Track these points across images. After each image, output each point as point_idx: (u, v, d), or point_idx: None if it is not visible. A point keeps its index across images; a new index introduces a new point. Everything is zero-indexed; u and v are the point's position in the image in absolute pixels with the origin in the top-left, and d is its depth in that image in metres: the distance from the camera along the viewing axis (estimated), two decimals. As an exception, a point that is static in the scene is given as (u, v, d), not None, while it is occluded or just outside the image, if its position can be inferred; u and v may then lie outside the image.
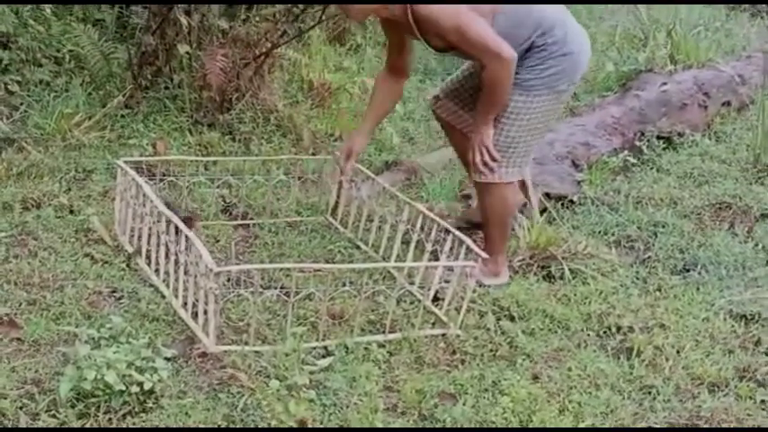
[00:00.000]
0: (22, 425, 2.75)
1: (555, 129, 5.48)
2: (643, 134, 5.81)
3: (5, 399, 2.84)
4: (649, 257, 4.47)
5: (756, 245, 4.63)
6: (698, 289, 4.14)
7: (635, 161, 5.55)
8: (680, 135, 5.94)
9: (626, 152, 5.54)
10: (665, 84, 6.23)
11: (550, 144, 5.32)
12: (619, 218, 4.83)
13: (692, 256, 4.49)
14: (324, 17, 5.66)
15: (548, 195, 4.84)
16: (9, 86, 5.28)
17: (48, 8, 5.75)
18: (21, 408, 2.83)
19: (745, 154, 5.75)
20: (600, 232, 4.69)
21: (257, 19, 5.54)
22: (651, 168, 5.55)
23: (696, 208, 5.03)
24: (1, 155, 4.66)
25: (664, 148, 5.82)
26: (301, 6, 5.45)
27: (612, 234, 4.68)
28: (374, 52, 6.69)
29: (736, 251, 4.54)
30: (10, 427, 2.74)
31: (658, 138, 5.84)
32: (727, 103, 6.46)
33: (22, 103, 5.21)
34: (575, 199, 4.97)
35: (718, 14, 9.01)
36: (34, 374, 3.00)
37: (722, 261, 4.44)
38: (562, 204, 4.90)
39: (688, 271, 4.36)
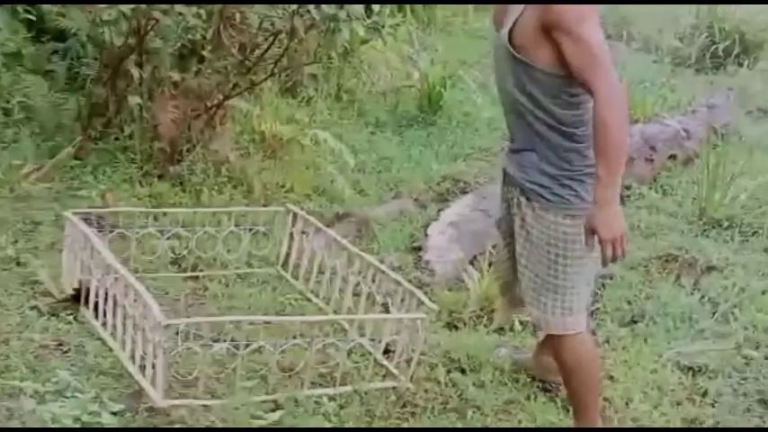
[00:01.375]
0: (-36, 482, 2.70)
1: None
2: (591, 187, 5.88)
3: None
4: (598, 309, 4.52)
5: (702, 297, 4.71)
6: (646, 341, 4.20)
7: (583, 214, 5.61)
8: (627, 188, 6.02)
9: (574, 205, 5.60)
10: (612, 137, 6.33)
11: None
12: (567, 270, 4.87)
13: (639, 307, 4.56)
14: (276, 70, 5.69)
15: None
16: (-44, 140, 5.24)
17: (-1, 60, 5.74)
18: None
19: (691, 207, 5.86)
20: (549, 284, 4.72)
21: (209, 71, 5.56)
22: (599, 221, 5.61)
23: (643, 260, 5.11)
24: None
25: (612, 201, 5.88)
26: (253, 59, 5.48)
27: (561, 286, 4.71)
28: (326, 104, 6.73)
29: (682, 303, 4.63)
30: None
31: (606, 190, 5.90)
32: (673, 157, 6.58)
33: (-33, 159, 5.16)
34: (524, 251, 5.00)
35: (663, 70, 9.23)
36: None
37: (669, 313, 4.51)
38: (512, 256, 4.93)
39: (636, 323, 4.43)
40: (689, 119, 7.09)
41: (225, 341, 3.49)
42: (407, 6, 8.82)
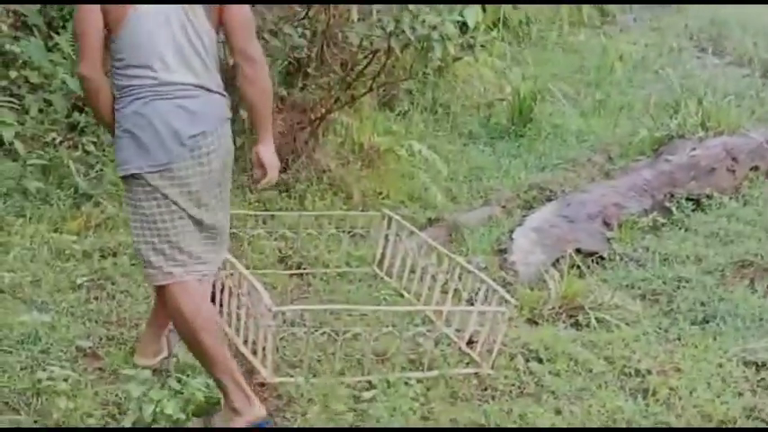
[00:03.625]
0: (106, 440, 3.18)
1: (587, 190, 5.90)
2: (673, 196, 6.17)
3: (91, 417, 3.27)
4: (672, 309, 4.83)
5: (774, 300, 4.96)
6: (715, 338, 4.48)
7: (664, 221, 5.92)
8: (708, 197, 6.28)
9: (655, 213, 5.92)
10: (694, 149, 6.60)
11: (583, 204, 5.72)
12: (645, 273, 5.20)
13: (712, 308, 4.84)
14: (374, 85, 6.13)
15: (579, 251, 5.22)
16: (86, 147, 5.75)
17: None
18: (104, 426, 3.26)
19: (771, 216, 6.08)
20: (627, 286, 5.06)
21: (313, 87, 6.03)
22: (679, 228, 5.91)
23: (719, 265, 5.36)
24: (80, 209, 5.11)
25: (693, 210, 6.16)
26: (353, 75, 5.93)
27: (639, 288, 5.05)
28: (421, 117, 7.14)
29: (754, 305, 4.88)
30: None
31: (687, 200, 6.19)
32: (756, 168, 6.78)
33: (97, 162, 5.68)
34: (604, 255, 5.35)
35: (753, 83, 9.37)
36: (114, 398, 3.43)
37: (740, 314, 4.78)
38: (593, 260, 5.28)
39: (707, 322, 4.71)
40: (773, 131, 7.28)
41: (326, 329, 3.94)
42: (501, 22, 9.18)
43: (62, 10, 6.25)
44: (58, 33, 6.08)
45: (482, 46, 8.05)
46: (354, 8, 5.81)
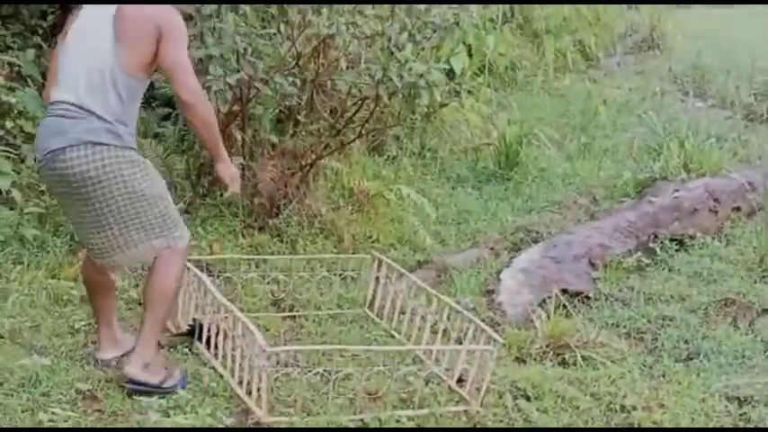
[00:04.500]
0: (106, 479, 3.27)
1: (573, 231, 6.04)
2: (656, 237, 6.31)
3: (92, 457, 3.36)
4: (656, 347, 4.95)
5: (756, 337, 5.08)
6: (698, 375, 4.61)
7: (648, 261, 6.06)
8: (691, 238, 6.42)
9: (640, 253, 6.06)
10: (677, 191, 6.75)
11: (568, 245, 5.86)
12: (630, 312, 5.33)
13: (695, 346, 4.96)
14: (363, 131, 6.28)
15: (565, 291, 5.35)
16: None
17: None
18: (105, 466, 3.35)
19: (753, 255, 6.20)
20: (612, 325, 5.19)
21: (303, 133, 6.18)
22: (663, 268, 6.04)
23: (703, 304, 5.49)
24: (77, 255, 5.20)
25: (676, 250, 6.29)
26: (342, 122, 6.08)
27: (624, 326, 5.18)
28: (409, 162, 7.28)
29: (737, 342, 5.01)
30: None
31: (671, 240, 6.33)
32: (737, 209, 6.93)
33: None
34: (590, 295, 5.48)
35: (736, 125, 9.56)
36: (114, 438, 3.53)
37: (723, 351, 4.91)
38: (579, 300, 5.40)
39: (691, 359, 4.83)
40: (754, 172, 7.41)
41: (318, 370, 4.04)
42: (487, 68, 9.37)
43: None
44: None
45: (468, 92, 8.27)
46: (343, 57, 5.97)
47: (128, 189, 3.82)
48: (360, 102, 6.02)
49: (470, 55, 9.05)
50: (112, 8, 3.83)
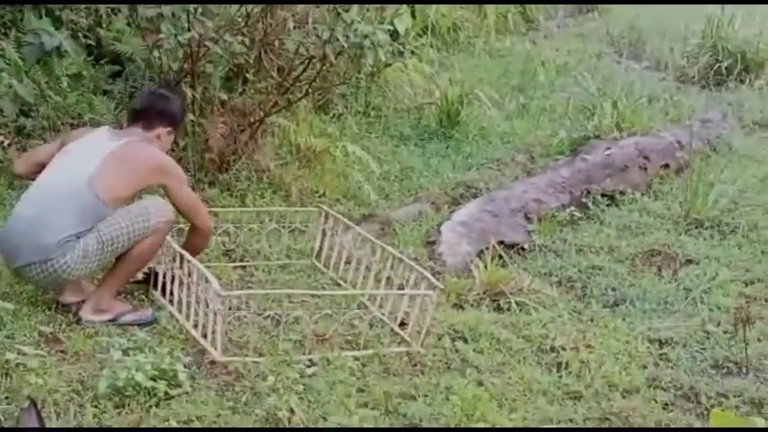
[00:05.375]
0: (71, 413, 3.50)
1: (510, 187, 6.35)
2: (589, 192, 6.63)
3: (57, 392, 3.59)
4: (585, 294, 5.28)
5: (678, 285, 5.43)
6: (624, 319, 4.94)
7: (581, 215, 6.38)
8: (622, 193, 6.76)
9: (573, 207, 6.38)
10: (609, 148, 7.08)
11: (506, 200, 6.16)
12: (562, 262, 5.65)
13: (622, 293, 5.29)
14: (310, 90, 6.49)
15: (502, 243, 5.65)
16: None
17: (64, 81, 6.52)
18: (69, 400, 3.59)
19: (679, 210, 6.54)
20: (545, 274, 5.50)
21: (252, 91, 6.38)
22: (594, 222, 6.37)
23: (630, 255, 5.83)
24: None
25: (607, 205, 6.62)
26: (290, 81, 6.28)
27: (556, 275, 5.49)
28: (355, 120, 7.51)
29: (661, 289, 5.35)
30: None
31: (602, 195, 6.66)
32: (666, 166, 7.28)
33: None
34: (525, 246, 5.79)
35: (668, 86, 9.93)
36: (78, 376, 3.76)
37: (648, 298, 5.25)
38: (514, 251, 5.71)
39: (618, 305, 5.17)
40: (683, 131, 7.76)
41: (269, 313, 4.30)
42: (430, 29, 9.61)
43: (3, 17, 6.49)
44: (2, 38, 6.31)
45: (412, 52, 8.52)
46: (290, 17, 6.17)
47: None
48: (307, 61, 6.21)
49: (414, 16, 9.28)
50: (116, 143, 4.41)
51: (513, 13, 11.68)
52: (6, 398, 3.55)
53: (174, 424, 3.50)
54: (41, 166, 4.49)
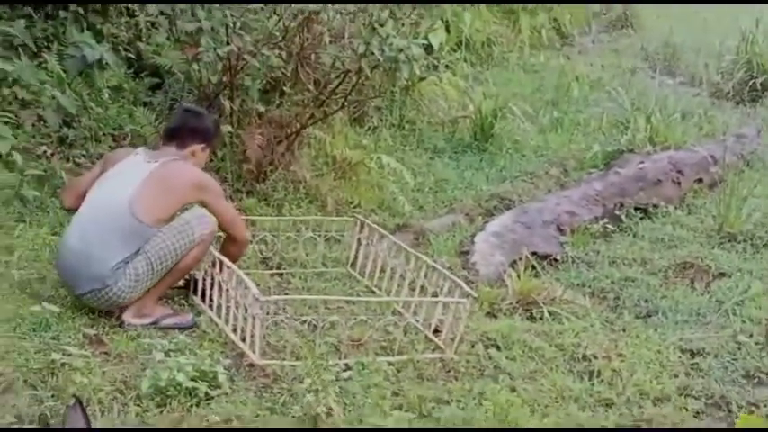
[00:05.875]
0: (115, 412, 3.61)
1: (543, 199, 6.42)
2: (622, 205, 6.69)
3: (101, 391, 3.70)
4: (618, 305, 5.34)
5: (711, 297, 5.46)
6: (655, 329, 4.99)
7: (614, 228, 6.44)
8: (655, 207, 6.80)
9: (606, 220, 6.43)
10: (642, 162, 7.13)
11: (539, 212, 6.22)
12: (595, 273, 5.71)
13: (654, 304, 5.34)
14: (346, 102, 6.60)
15: (535, 254, 5.71)
16: (76, 159, 6.16)
17: (105, 93, 6.67)
18: (113, 399, 3.69)
19: (712, 223, 6.58)
20: (578, 284, 5.56)
21: (289, 104, 6.50)
22: (627, 234, 6.42)
23: (663, 267, 5.87)
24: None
25: (640, 218, 6.68)
26: (326, 94, 6.40)
27: (588, 286, 5.55)
28: (389, 133, 7.61)
29: (693, 301, 5.40)
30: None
31: (636, 209, 6.71)
32: (700, 180, 7.32)
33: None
34: (558, 257, 5.85)
35: (702, 102, 9.95)
36: (121, 376, 3.87)
37: (680, 309, 5.29)
38: (547, 262, 5.77)
39: (650, 316, 5.22)
40: (717, 147, 7.78)
41: (306, 318, 4.39)
42: (464, 44, 9.71)
43: (45, 30, 6.66)
44: (45, 50, 6.47)
45: (446, 66, 8.62)
46: (327, 32, 6.29)
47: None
48: (343, 74, 6.32)
49: (448, 31, 9.39)
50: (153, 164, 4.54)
51: (548, 28, 11.74)
52: (52, 396, 3.66)
53: (214, 423, 3.59)
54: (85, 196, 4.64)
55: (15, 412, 3.54)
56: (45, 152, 5.96)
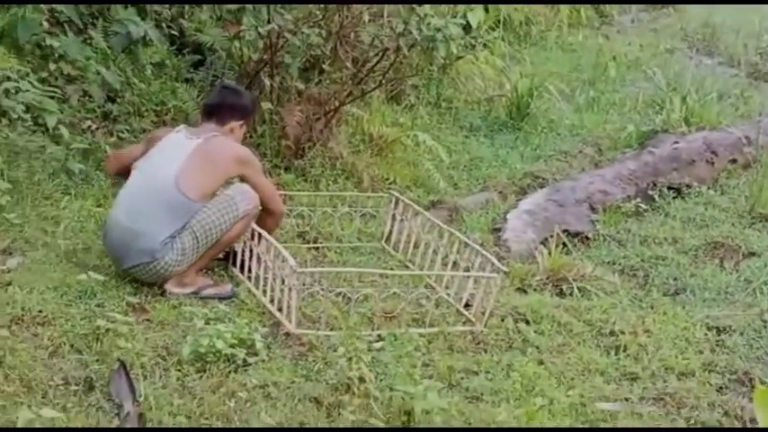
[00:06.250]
0: (157, 376, 3.78)
1: (576, 178, 6.51)
2: (655, 185, 6.76)
3: (144, 356, 3.87)
4: (647, 283, 5.42)
5: (740, 276, 5.54)
6: (683, 307, 5.07)
7: (646, 207, 6.51)
8: (688, 186, 6.86)
9: (638, 199, 6.52)
10: (676, 142, 7.18)
11: (572, 190, 6.32)
12: (625, 252, 5.80)
13: (683, 283, 5.43)
14: (383, 80, 6.72)
15: (566, 231, 5.81)
16: (120, 134, 6.34)
17: (148, 69, 6.83)
18: (155, 364, 3.86)
19: (744, 204, 6.63)
20: (608, 262, 5.66)
21: (327, 81, 6.64)
22: (659, 213, 6.49)
23: (693, 246, 5.95)
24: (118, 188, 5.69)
25: (673, 198, 6.74)
26: (364, 72, 6.52)
27: (618, 264, 5.65)
28: (426, 111, 7.72)
29: (722, 280, 5.47)
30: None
31: (668, 188, 6.78)
32: (734, 161, 7.35)
33: (130, 147, 6.26)
34: (589, 235, 5.95)
35: (740, 82, 9.93)
36: (163, 342, 4.03)
37: (708, 287, 5.38)
38: (579, 239, 5.87)
39: (678, 294, 5.30)
40: (751, 127, 7.80)
41: (341, 290, 4.54)
42: (502, 23, 9.77)
43: (91, 6, 6.81)
44: (90, 27, 6.63)
45: (484, 45, 8.68)
46: (366, 10, 6.40)
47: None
48: (381, 53, 6.44)
49: (486, 10, 9.46)
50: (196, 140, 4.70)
51: (587, 7, 11.76)
52: (97, 360, 3.83)
53: (251, 388, 3.75)
54: (129, 167, 4.83)
55: (62, 375, 3.72)
56: (90, 126, 6.14)
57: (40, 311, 4.12)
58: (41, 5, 6.41)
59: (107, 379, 3.68)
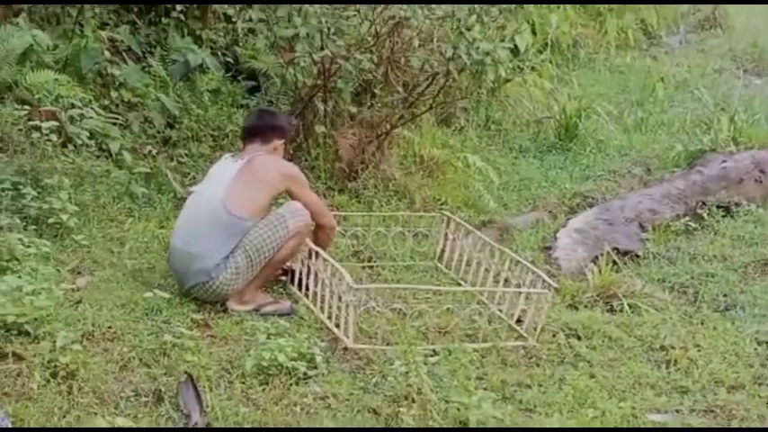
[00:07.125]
0: (222, 388, 3.94)
1: (626, 197, 6.60)
2: (704, 203, 6.82)
3: (209, 370, 4.03)
4: (697, 299, 5.50)
5: (790, 293, 5.60)
6: (733, 323, 5.15)
7: (695, 226, 6.58)
8: (737, 205, 6.91)
9: (688, 218, 6.59)
10: (725, 161, 7.25)
11: (621, 209, 6.41)
12: (675, 269, 5.88)
13: (733, 299, 5.50)
14: (434, 104, 6.87)
15: (616, 249, 5.91)
16: (179, 158, 6.54)
17: (205, 95, 7.03)
18: (220, 377, 4.02)
19: (794, 222, 6.68)
20: (658, 280, 5.74)
21: (379, 105, 6.81)
22: (709, 232, 6.56)
23: (743, 263, 6.01)
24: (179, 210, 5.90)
25: (722, 216, 6.79)
26: (415, 95, 6.68)
27: (668, 281, 5.73)
28: (475, 133, 7.86)
29: (771, 297, 5.53)
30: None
31: (717, 207, 6.83)
32: (783, 180, 7.39)
33: (190, 171, 6.44)
34: (639, 253, 6.03)
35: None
36: (227, 356, 4.20)
37: (758, 304, 5.45)
38: (629, 257, 5.96)
39: (728, 310, 5.38)
40: (801, 146, 7.85)
41: (396, 306, 4.68)
42: (550, 45, 9.89)
43: (149, 36, 7.06)
44: (148, 55, 6.86)
45: (532, 68, 8.81)
46: (416, 36, 6.57)
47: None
48: (431, 77, 6.60)
49: (534, 33, 9.60)
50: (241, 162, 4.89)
51: (634, 29, 11.84)
52: (165, 373, 4.00)
53: (312, 400, 3.90)
54: None
55: (133, 387, 3.90)
56: (150, 151, 6.33)
57: (110, 327, 4.31)
58: (102, 34, 6.67)
59: (175, 391, 3.84)
